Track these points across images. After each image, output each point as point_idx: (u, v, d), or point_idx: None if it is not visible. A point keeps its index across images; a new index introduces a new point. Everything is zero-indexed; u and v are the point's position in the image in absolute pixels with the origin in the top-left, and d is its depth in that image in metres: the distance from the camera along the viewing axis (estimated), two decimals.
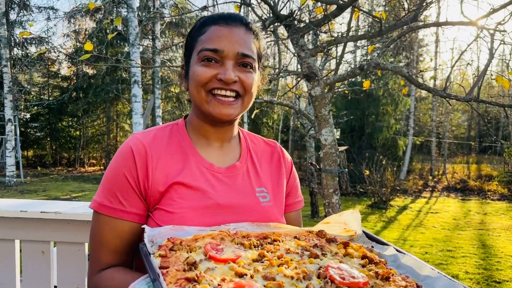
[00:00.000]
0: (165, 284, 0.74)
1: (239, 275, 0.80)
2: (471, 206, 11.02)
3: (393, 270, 0.88)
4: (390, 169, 11.53)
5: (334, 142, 3.46)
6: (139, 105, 10.08)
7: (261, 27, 3.59)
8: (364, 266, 0.90)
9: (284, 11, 3.61)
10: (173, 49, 16.16)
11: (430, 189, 13.94)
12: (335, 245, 1.01)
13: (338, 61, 3.90)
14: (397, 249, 0.98)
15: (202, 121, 1.13)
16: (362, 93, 12.52)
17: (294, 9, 3.41)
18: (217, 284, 0.75)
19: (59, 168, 18.33)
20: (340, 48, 3.83)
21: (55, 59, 18.61)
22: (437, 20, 6.64)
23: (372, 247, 1.03)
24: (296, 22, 3.46)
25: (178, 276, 0.77)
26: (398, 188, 11.43)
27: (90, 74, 17.99)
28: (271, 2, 3.43)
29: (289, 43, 4.21)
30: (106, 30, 14.70)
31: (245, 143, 1.23)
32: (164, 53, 15.91)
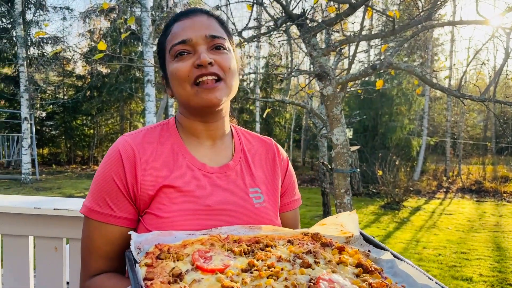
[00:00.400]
0: None
1: None
2: (487, 207, 10.84)
3: (388, 279, 0.84)
4: (403, 170, 11.40)
5: (346, 142, 3.44)
6: (152, 104, 10.15)
7: (272, 26, 3.59)
8: (358, 275, 0.86)
9: (296, 11, 3.60)
10: None
11: (444, 190, 13.76)
12: (330, 250, 0.97)
13: (350, 61, 3.87)
14: (394, 254, 0.94)
15: (192, 119, 1.10)
16: (375, 92, 12.42)
17: (306, 8, 3.41)
18: None
19: (73, 166, 18.58)
20: (353, 47, 3.80)
21: (70, 58, 18.88)
22: (452, 19, 6.55)
23: (369, 251, 0.99)
24: (308, 22, 3.45)
25: None
26: (411, 188, 11.30)
27: (104, 73, 18.23)
28: (283, 2, 3.42)
29: (301, 42, 4.19)
30: (120, 29, 14.85)
31: (239, 141, 1.19)
32: None
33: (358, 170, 10.82)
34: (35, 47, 17.88)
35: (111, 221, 1.00)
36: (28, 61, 15.33)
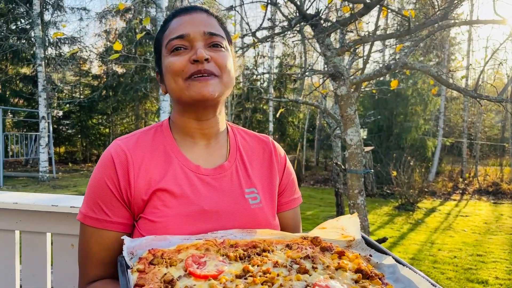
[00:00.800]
0: None
1: None
2: (504, 210, 10.65)
3: (389, 286, 0.81)
4: (418, 170, 11.27)
5: (360, 142, 3.42)
6: (167, 104, 10.23)
7: (286, 26, 3.60)
8: (357, 281, 0.82)
9: (310, 10, 3.59)
10: None
11: (460, 191, 13.55)
12: (330, 254, 0.94)
13: (365, 60, 3.85)
14: (396, 259, 0.90)
15: (186, 117, 1.07)
16: (390, 92, 12.30)
17: (320, 8, 3.40)
18: None
19: (89, 164, 18.84)
20: (367, 47, 3.78)
21: (86, 58, 19.15)
22: (469, 18, 6.45)
23: (370, 256, 0.95)
24: (323, 22, 3.44)
25: None
26: (426, 190, 11.15)
27: (119, 73, 18.47)
28: (297, 1, 3.42)
29: (315, 42, 4.18)
30: (135, 29, 15.01)
31: (234, 139, 1.15)
32: None
33: (372, 171, 10.74)
34: (53, 48, 18.20)
35: (106, 226, 0.99)
36: (46, 61, 15.60)
